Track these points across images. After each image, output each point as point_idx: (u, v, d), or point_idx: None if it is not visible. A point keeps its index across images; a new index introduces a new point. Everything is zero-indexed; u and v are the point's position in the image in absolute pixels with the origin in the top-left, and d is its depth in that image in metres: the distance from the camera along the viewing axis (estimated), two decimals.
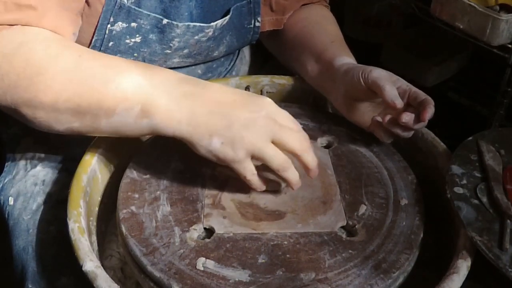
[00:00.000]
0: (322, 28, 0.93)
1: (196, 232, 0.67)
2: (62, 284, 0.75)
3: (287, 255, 0.64)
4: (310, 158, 0.68)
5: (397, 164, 0.78)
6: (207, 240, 0.66)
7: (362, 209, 0.70)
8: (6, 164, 0.90)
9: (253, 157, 0.66)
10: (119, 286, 0.59)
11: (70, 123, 0.66)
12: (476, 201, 0.67)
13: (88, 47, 0.79)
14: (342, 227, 0.68)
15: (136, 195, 0.71)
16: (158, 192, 0.71)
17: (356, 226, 0.68)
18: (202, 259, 0.63)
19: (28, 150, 0.89)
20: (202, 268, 0.62)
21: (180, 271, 0.62)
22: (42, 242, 0.79)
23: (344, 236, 0.67)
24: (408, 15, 1.67)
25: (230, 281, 0.61)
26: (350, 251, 0.64)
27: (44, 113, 0.65)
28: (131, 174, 0.74)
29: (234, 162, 0.65)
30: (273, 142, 0.65)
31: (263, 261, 0.63)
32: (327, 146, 0.82)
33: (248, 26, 0.92)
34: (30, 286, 0.78)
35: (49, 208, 0.82)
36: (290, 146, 0.66)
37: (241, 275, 0.61)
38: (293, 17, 0.98)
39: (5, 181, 0.87)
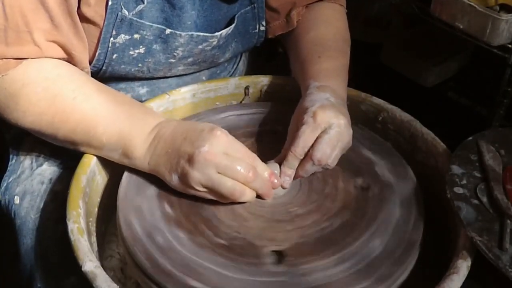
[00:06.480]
0: (316, 37, 0.89)
1: None
2: (72, 283, 0.75)
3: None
4: (257, 185, 0.68)
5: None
6: None
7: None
8: (9, 163, 0.90)
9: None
10: (118, 286, 0.59)
11: (71, 149, 0.76)
12: (476, 201, 0.67)
13: (92, 60, 0.80)
14: None
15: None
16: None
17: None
18: None
19: (32, 149, 0.89)
20: None
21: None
22: (51, 241, 0.79)
23: None
24: (408, 15, 1.67)
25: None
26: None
27: (49, 140, 0.76)
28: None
29: (196, 193, 0.68)
30: (219, 173, 0.66)
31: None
32: None
33: (253, 31, 0.92)
34: (39, 285, 0.77)
35: (56, 206, 0.81)
36: (234, 178, 0.67)
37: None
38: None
39: (10, 180, 0.87)
